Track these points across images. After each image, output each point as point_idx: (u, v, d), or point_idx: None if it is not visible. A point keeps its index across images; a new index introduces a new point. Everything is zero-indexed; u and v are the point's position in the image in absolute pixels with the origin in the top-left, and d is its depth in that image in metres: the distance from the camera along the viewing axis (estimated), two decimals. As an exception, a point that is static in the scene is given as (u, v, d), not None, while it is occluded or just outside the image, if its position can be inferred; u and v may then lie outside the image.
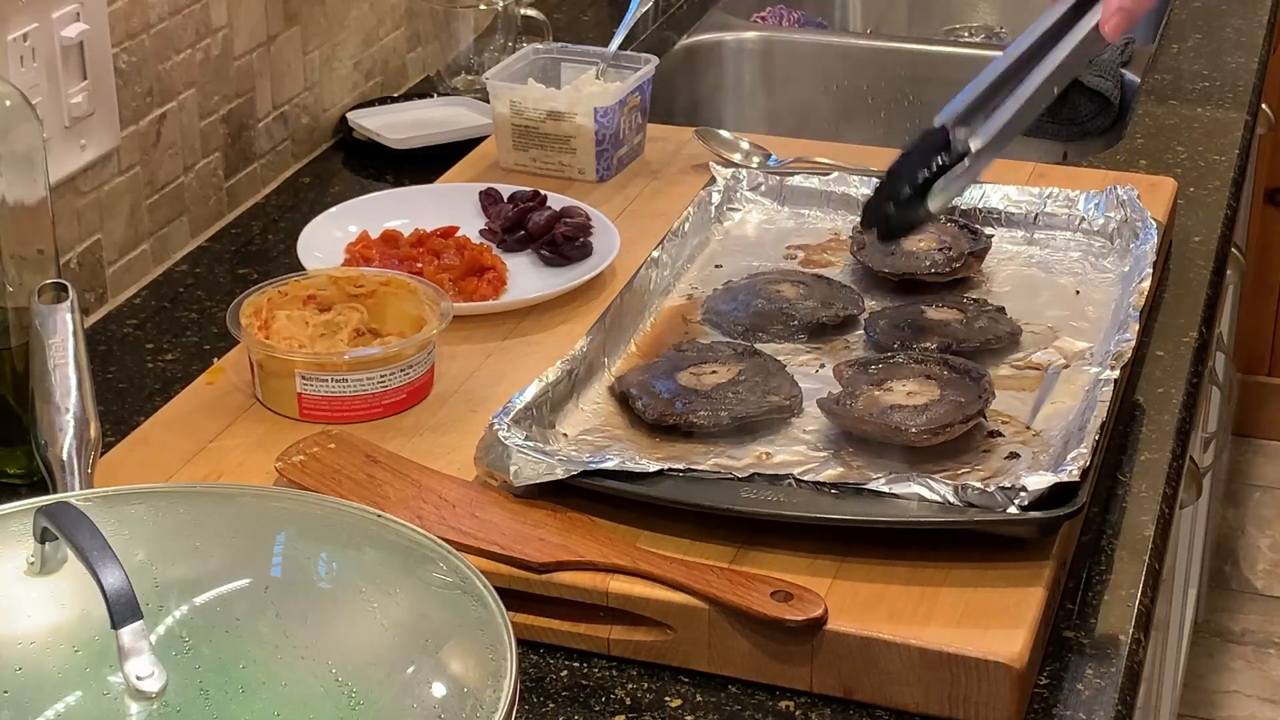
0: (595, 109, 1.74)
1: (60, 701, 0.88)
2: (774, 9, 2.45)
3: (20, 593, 0.93)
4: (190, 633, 0.92)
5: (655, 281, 1.51)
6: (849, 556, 1.18)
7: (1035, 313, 1.48)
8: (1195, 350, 1.52)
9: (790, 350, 1.43)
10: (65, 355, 1.22)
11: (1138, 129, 1.96)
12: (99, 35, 1.54)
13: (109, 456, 1.31)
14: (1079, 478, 1.18)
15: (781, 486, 1.22)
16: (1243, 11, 2.33)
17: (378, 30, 2.01)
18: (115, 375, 1.50)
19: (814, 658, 1.13)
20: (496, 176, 1.77)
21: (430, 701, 0.90)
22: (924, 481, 1.19)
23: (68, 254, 1.55)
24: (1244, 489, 3.40)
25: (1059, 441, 1.28)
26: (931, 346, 1.40)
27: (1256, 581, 3.18)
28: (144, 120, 1.63)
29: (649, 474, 1.22)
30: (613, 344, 1.42)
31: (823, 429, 1.31)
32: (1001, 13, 2.57)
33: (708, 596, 1.14)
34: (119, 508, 0.99)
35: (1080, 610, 1.21)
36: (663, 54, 2.15)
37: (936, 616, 1.13)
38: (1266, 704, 2.89)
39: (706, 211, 1.62)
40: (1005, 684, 1.10)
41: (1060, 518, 1.17)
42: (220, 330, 1.56)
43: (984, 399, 1.29)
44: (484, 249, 1.58)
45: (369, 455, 1.28)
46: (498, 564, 1.17)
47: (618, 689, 1.15)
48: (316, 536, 1.01)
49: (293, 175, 1.87)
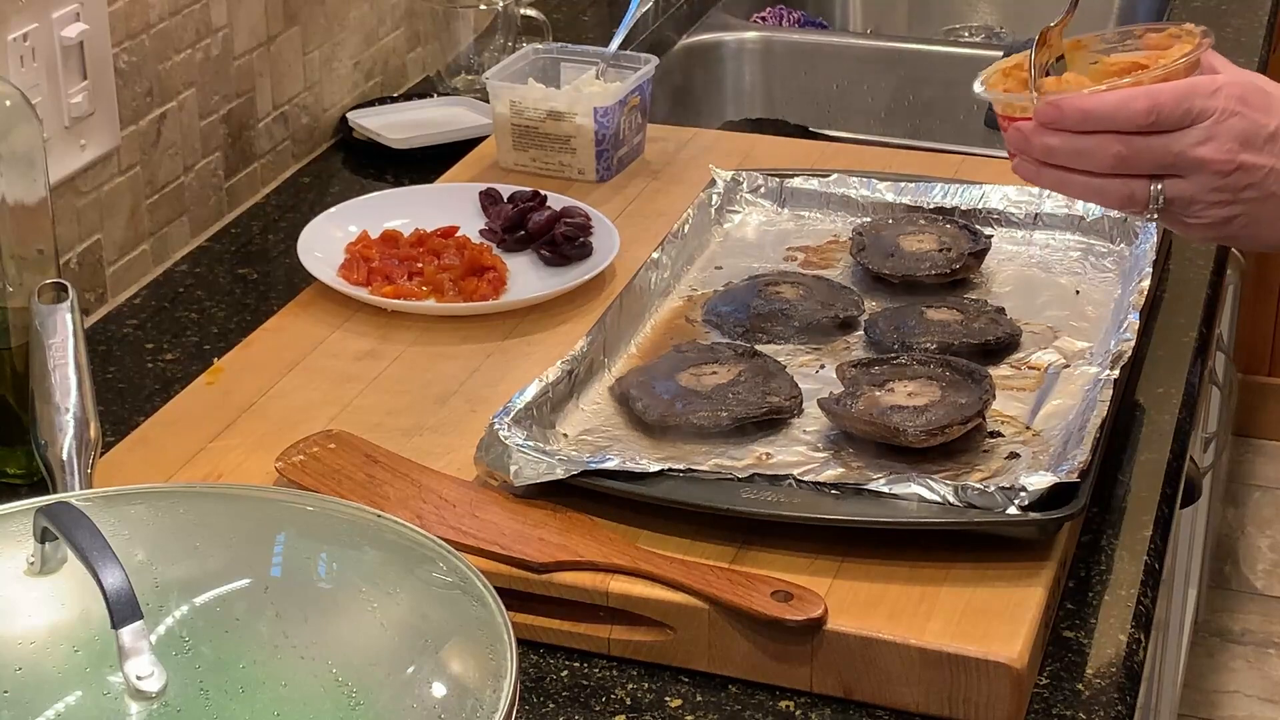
0: (595, 109, 1.74)
1: (60, 701, 0.88)
2: (774, 9, 2.45)
3: (20, 593, 0.93)
4: (190, 633, 0.92)
5: (655, 283, 1.51)
6: (849, 556, 1.18)
7: (1035, 313, 1.48)
8: (1195, 350, 1.51)
9: (790, 351, 1.43)
10: (65, 355, 1.22)
11: (1138, 129, 1.96)
12: (99, 35, 1.54)
13: (109, 456, 1.31)
14: (1079, 478, 1.18)
15: (782, 487, 1.22)
16: (1243, 11, 2.33)
17: (378, 30, 2.01)
18: (115, 375, 1.50)
19: (814, 658, 1.13)
20: (496, 176, 1.77)
21: (430, 701, 0.90)
22: (924, 482, 1.19)
23: (68, 254, 1.55)
24: (1244, 489, 3.40)
25: (1059, 442, 1.28)
26: (931, 347, 1.40)
27: (1256, 581, 3.18)
28: (144, 120, 1.63)
29: (649, 474, 1.22)
30: (613, 344, 1.42)
31: (823, 429, 1.31)
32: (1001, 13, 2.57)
33: (708, 596, 1.14)
34: (119, 508, 0.99)
35: (1080, 610, 1.21)
36: (663, 54, 2.15)
37: (936, 616, 1.13)
38: (1266, 704, 2.89)
39: (706, 213, 1.62)
40: (1005, 684, 1.10)
41: (1060, 519, 1.18)
42: (220, 330, 1.56)
43: (984, 400, 1.29)
44: (484, 249, 1.58)
45: (369, 455, 1.28)
46: (498, 564, 1.17)
47: (618, 689, 1.15)
48: (316, 536, 1.01)
49: (293, 175, 1.87)
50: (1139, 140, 1.12)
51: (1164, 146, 1.12)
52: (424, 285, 1.54)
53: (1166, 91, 1.12)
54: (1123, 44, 1.23)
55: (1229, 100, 1.12)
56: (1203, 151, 1.12)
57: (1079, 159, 1.14)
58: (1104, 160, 1.13)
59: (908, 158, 1.80)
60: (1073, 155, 1.14)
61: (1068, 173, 1.15)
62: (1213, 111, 1.11)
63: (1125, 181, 1.14)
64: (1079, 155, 1.14)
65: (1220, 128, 1.11)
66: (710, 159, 1.75)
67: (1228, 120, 1.12)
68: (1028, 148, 1.16)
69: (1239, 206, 1.13)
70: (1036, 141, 1.15)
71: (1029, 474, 1.20)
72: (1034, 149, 1.16)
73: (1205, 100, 1.12)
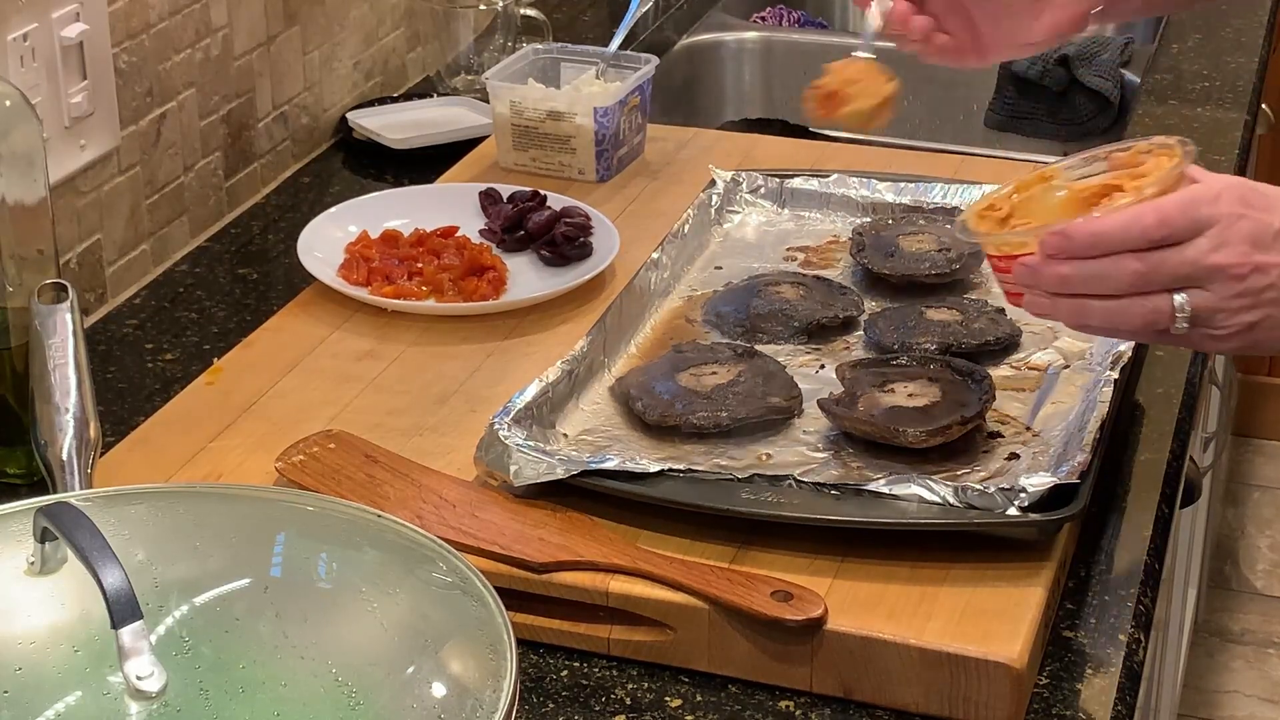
0: (595, 109, 1.74)
1: (60, 701, 0.88)
2: (774, 9, 2.45)
3: (20, 593, 0.93)
4: (190, 633, 0.92)
5: (655, 283, 1.51)
6: (849, 557, 1.18)
7: (1035, 313, 1.48)
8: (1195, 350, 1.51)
9: (790, 351, 1.43)
10: (65, 355, 1.22)
11: (1138, 129, 1.96)
12: (99, 35, 1.54)
13: (109, 456, 1.31)
14: (1078, 479, 1.18)
15: (782, 487, 1.22)
16: (1243, 11, 2.32)
17: (378, 30, 2.01)
18: (115, 375, 1.50)
19: (814, 658, 1.13)
20: (496, 176, 1.77)
21: (430, 701, 0.90)
22: (924, 483, 1.19)
23: (68, 254, 1.55)
24: (1244, 489, 3.40)
25: (1059, 442, 1.28)
26: (931, 348, 1.40)
27: (1256, 581, 3.18)
28: (144, 120, 1.63)
29: (649, 474, 1.22)
30: (613, 345, 1.42)
31: (823, 430, 1.31)
32: (1001, 13, 2.56)
33: (708, 596, 1.14)
34: (119, 508, 0.99)
35: (1080, 610, 1.21)
36: (663, 54, 2.15)
37: (936, 616, 1.13)
38: (1266, 704, 2.89)
39: (706, 213, 1.62)
40: (1005, 684, 1.10)
41: (1060, 520, 1.18)
42: (220, 330, 1.56)
43: (984, 401, 1.29)
44: (484, 249, 1.58)
45: (369, 455, 1.28)
46: (498, 564, 1.17)
47: (618, 689, 1.15)
48: (316, 536, 1.01)
49: (293, 175, 1.87)
50: (1154, 255, 1.10)
51: (1179, 257, 1.10)
52: (424, 285, 1.54)
53: (1171, 203, 1.11)
54: (1088, 168, 1.23)
55: (1231, 204, 1.11)
56: (1217, 258, 1.10)
57: (1096, 283, 1.12)
58: (1122, 280, 1.11)
59: (908, 158, 1.80)
60: (1089, 280, 1.12)
61: (1085, 299, 1.13)
62: (1220, 217, 1.10)
63: (1146, 299, 1.12)
64: (1096, 279, 1.12)
65: (1230, 232, 1.10)
66: (710, 159, 1.75)
67: (1236, 224, 1.10)
68: (1038, 280, 1.14)
69: (1261, 310, 1.12)
70: (1048, 273, 1.13)
71: (1029, 475, 1.20)
72: (1046, 281, 1.14)
73: (1210, 208, 1.10)
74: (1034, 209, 1.21)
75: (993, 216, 1.22)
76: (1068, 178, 1.22)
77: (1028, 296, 1.17)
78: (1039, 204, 1.22)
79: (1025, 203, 1.23)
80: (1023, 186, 1.23)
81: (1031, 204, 1.22)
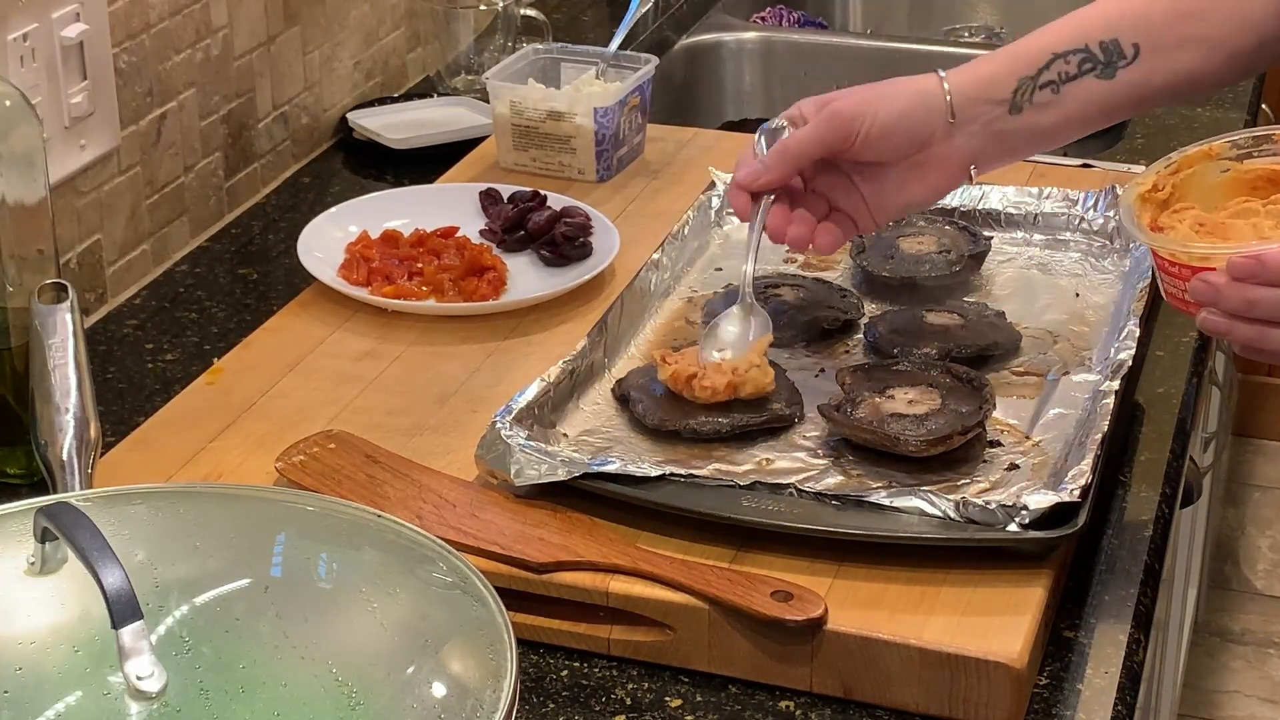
0: (595, 109, 1.74)
1: (60, 701, 0.88)
2: (774, 9, 2.45)
3: (20, 593, 0.93)
4: (190, 633, 0.92)
5: (655, 284, 1.51)
6: (849, 557, 1.18)
7: (1035, 316, 1.47)
8: (1195, 350, 1.51)
9: (790, 354, 1.43)
10: (65, 355, 1.22)
11: (1138, 129, 1.96)
12: (99, 35, 1.54)
13: (109, 456, 1.31)
14: (1080, 498, 1.18)
15: (782, 496, 1.21)
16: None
17: (378, 30, 2.01)
18: (115, 375, 1.50)
19: (814, 658, 1.13)
20: (496, 176, 1.77)
21: (430, 701, 0.90)
22: (925, 496, 1.19)
23: (68, 254, 1.55)
24: (1244, 489, 3.40)
25: (1059, 453, 1.27)
26: (931, 352, 1.39)
27: (1256, 581, 3.18)
28: (144, 120, 1.64)
29: (650, 478, 1.22)
30: (613, 346, 1.42)
31: (822, 435, 1.31)
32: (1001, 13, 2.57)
33: (708, 596, 1.14)
34: (119, 508, 0.99)
35: (1080, 610, 1.21)
36: (663, 54, 2.15)
37: (936, 616, 1.13)
38: (1266, 704, 2.89)
39: (706, 215, 1.62)
40: (1005, 684, 1.10)
41: (1060, 538, 1.17)
42: (220, 330, 1.56)
43: (984, 410, 1.29)
44: (484, 249, 1.58)
45: (369, 455, 1.28)
46: (498, 564, 1.17)
47: (618, 689, 1.15)
48: (316, 536, 1.01)
49: (293, 175, 1.87)
50: None
51: None
52: (424, 285, 1.54)
53: None
54: (1258, 149, 1.19)
55: None
56: None
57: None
58: None
59: (908, 158, 1.80)
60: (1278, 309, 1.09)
61: (1267, 327, 1.10)
62: None
63: None
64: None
65: None
66: (710, 159, 1.75)
67: None
68: (1220, 301, 1.11)
69: None
70: (1233, 295, 1.10)
71: (1030, 492, 1.20)
72: (1229, 303, 1.11)
73: None
74: (1195, 189, 1.17)
75: (1155, 199, 1.18)
76: (1227, 155, 1.19)
77: (1204, 314, 1.13)
78: (1200, 183, 1.18)
79: (1187, 181, 1.19)
80: (1186, 163, 1.19)
81: (1192, 183, 1.18)
